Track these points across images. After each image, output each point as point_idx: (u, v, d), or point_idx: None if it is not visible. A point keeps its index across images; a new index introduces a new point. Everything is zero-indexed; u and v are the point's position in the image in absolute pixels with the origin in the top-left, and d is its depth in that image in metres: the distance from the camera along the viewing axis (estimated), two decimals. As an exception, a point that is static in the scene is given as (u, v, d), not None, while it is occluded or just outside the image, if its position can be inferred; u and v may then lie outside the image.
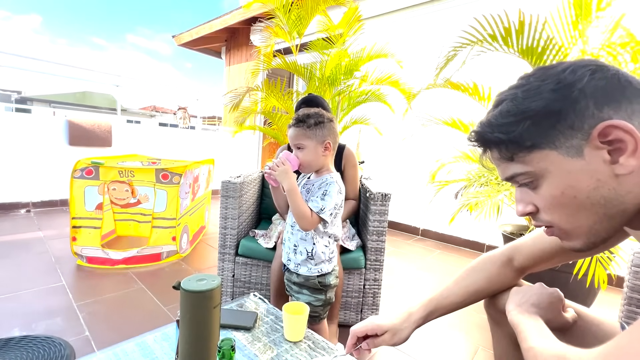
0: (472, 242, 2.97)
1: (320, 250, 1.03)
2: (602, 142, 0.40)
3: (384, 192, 1.45)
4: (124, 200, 2.09)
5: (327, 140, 1.00)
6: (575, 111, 0.41)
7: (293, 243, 1.07)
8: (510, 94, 0.46)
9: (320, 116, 1.01)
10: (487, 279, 0.72)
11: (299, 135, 1.01)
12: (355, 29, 2.79)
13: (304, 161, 1.02)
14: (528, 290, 0.63)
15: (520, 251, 0.71)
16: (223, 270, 1.53)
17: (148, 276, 1.93)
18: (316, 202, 0.99)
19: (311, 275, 1.04)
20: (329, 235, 1.05)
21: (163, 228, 2.13)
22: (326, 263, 1.05)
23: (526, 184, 0.47)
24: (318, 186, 1.02)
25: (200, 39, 5.82)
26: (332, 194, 0.98)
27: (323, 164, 1.04)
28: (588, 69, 0.42)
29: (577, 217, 0.44)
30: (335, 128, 1.03)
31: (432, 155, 2.99)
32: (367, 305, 1.50)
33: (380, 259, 1.48)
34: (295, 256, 1.06)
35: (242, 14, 4.61)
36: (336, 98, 2.87)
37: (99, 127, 3.59)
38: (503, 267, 0.72)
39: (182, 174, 2.19)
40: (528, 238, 0.71)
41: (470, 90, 1.89)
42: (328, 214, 0.98)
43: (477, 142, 0.50)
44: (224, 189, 1.49)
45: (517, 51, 1.54)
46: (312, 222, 0.98)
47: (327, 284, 1.05)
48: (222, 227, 1.51)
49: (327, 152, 1.01)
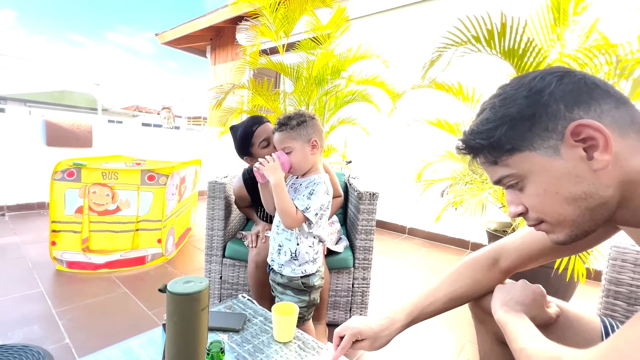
0: (457, 239, 3.03)
1: (304, 251, 1.02)
2: (575, 140, 0.43)
3: (372, 192, 1.46)
4: (103, 206, 1.97)
5: (313, 138, 1.00)
6: (547, 114, 0.44)
7: (278, 243, 1.06)
8: (490, 103, 0.50)
9: (302, 115, 1.00)
10: (472, 284, 0.72)
11: (284, 139, 1.01)
12: (342, 30, 2.80)
13: (294, 163, 1.01)
14: (512, 287, 0.65)
15: (507, 252, 0.71)
16: (210, 272, 1.50)
17: (132, 280, 1.88)
18: (302, 201, 0.98)
19: (295, 276, 1.03)
20: (314, 236, 1.05)
21: (148, 230, 2.08)
22: (310, 264, 1.04)
23: (513, 185, 0.49)
24: (305, 185, 1.02)
25: (184, 38, 5.72)
26: (318, 194, 0.98)
27: (312, 164, 1.04)
28: (555, 75, 0.45)
29: (561, 211, 0.46)
30: (319, 125, 1.02)
31: (418, 154, 3.03)
32: (355, 304, 1.51)
33: (368, 258, 1.49)
34: (279, 256, 1.05)
35: (228, 12, 4.55)
36: (323, 98, 2.87)
37: (79, 127, 3.47)
38: (489, 269, 0.72)
39: (169, 175, 2.14)
40: (516, 237, 0.71)
41: (455, 90, 1.93)
42: (313, 213, 0.98)
43: (464, 150, 0.52)
44: (210, 189, 1.46)
45: (499, 52, 1.58)
46: (296, 219, 0.97)
47: (311, 285, 1.05)
48: (208, 229, 1.48)
49: (315, 150, 1.01)
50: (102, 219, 1.96)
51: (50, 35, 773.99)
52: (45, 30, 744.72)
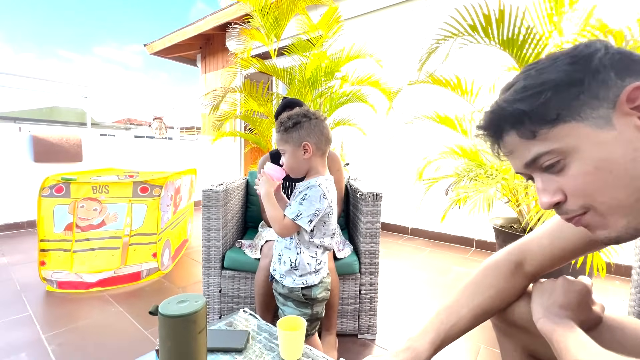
0: (461, 237, 2.97)
1: (305, 261, 0.95)
2: (631, 108, 0.38)
3: (375, 192, 1.39)
4: (88, 221, 1.87)
5: (305, 142, 0.93)
6: (597, 81, 0.39)
7: (278, 252, 1.00)
8: (523, 75, 0.43)
9: (299, 116, 0.94)
10: (496, 294, 0.63)
11: (279, 141, 0.96)
12: (334, 30, 2.75)
13: (287, 166, 0.96)
14: (552, 289, 0.56)
15: (532, 254, 0.63)
16: (209, 286, 1.42)
17: (126, 298, 1.79)
18: (293, 207, 0.92)
19: (295, 287, 0.96)
20: (317, 246, 0.97)
21: (142, 245, 1.99)
22: (312, 275, 0.97)
23: (551, 166, 0.42)
24: (300, 189, 0.95)
25: (173, 47, 5.66)
26: (311, 198, 0.90)
27: (309, 167, 0.97)
28: (602, 43, 0.40)
29: (616, 194, 0.39)
30: (318, 126, 0.95)
31: (417, 153, 2.98)
32: (364, 312, 1.43)
33: (375, 262, 1.41)
34: (280, 266, 0.98)
35: (217, 19, 4.51)
36: (318, 100, 2.81)
37: (68, 141, 3.37)
38: (512, 276, 0.63)
39: (163, 186, 2.06)
40: (540, 236, 0.63)
41: (453, 84, 1.88)
42: (306, 220, 0.90)
43: (489, 127, 0.45)
44: (205, 198, 1.39)
45: (498, 42, 1.54)
46: (285, 227, 0.91)
47: (313, 297, 0.97)
48: (205, 239, 1.40)
49: (308, 155, 0.94)
50: (84, 235, 1.86)
51: (39, 52, 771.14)
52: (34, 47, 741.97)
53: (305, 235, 0.95)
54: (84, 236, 1.88)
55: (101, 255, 1.89)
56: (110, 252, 1.92)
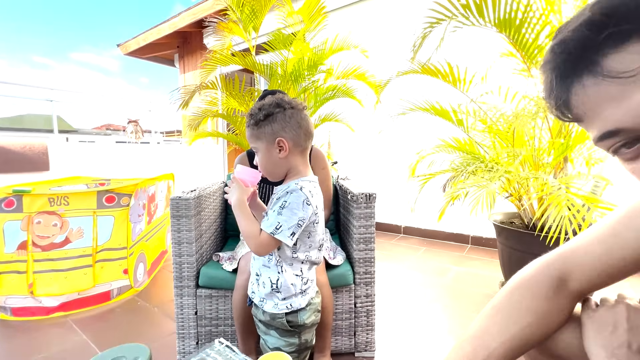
0: (456, 234, 2.86)
1: (289, 282, 0.79)
2: None
3: (368, 193, 1.24)
4: (48, 239, 1.65)
5: (279, 138, 0.77)
6: None
7: (255, 271, 0.83)
8: None
9: (271, 106, 0.78)
10: (535, 323, 0.48)
11: (250, 137, 0.80)
12: (318, 21, 2.59)
13: (262, 167, 0.81)
14: (615, 320, 0.42)
15: (580, 266, 0.48)
16: (182, 308, 1.24)
17: (93, 322, 1.58)
18: (271, 218, 0.76)
19: (278, 313, 0.80)
20: (302, 261, 0.81)
21: (111, 261, 1.78)
22: (298, 297, 0.81)
23: None
24: (278, 196, 0.79)
25: (149, 46, 5.38)
26: (292, 206, 0.75)
27: (288, 167, 0.81)
28: None
29: None
30: (295, 117, 0.79)
31: (409, 148, 2.85)
32: (360, 327, 1.28)
33: (370, 271, 1.27)
34: (259, 288, 0.82)
35: (193, 14, 4.28)
36: (302, 95, 2.65)
37: (32, 149, 3.10)
38: (555, 297, 0.49)
39: (132, 194, 1.86)
40: (590, 242, 0.48)
41: (444, 72, 1.75)
42: (287, 234, 0.74)
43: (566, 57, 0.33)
44: (174, 207, 1.20)
45: (493, 24, 1.41)
46: (262, 243, 0.74)
47: (300, 323, 0.81)
48: (176, 255, 1.22)
49: (284, 153, 0.78)
50: (47, 255, 1.64)
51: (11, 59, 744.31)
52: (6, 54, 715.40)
53: (287, 250, 0.79)
54: (47, 256, 1.66)
55: (72, 276, 1.68)
56: (83, 271, 1.71)
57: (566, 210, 1.20)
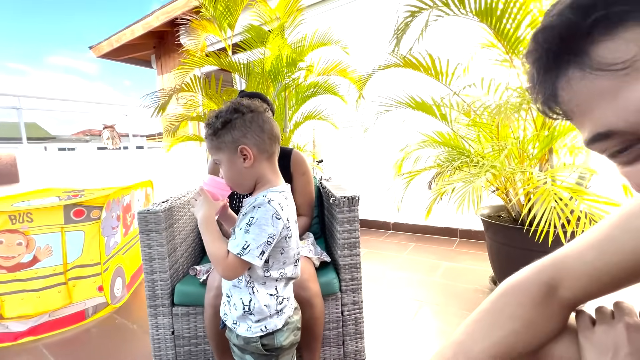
0: (445, 228, 2.85)
1: (262, 303, 0.72)
2: None
3: (351, 195, 1.18)
4: (14, 259, 1.53)
5: (241, 145, 0.70)
6: None
7: (226, 292, 0.76)
8: None
9: (228, 112, 0.71)
10: (521, 330, 0.45)
11: (210, 149, 0.73)
12: (294, 16, 2.50)
13: (227, 180, 0.73)
14: (615, 342, 0.38)
15: (572, 273, 0.44)
16: (158, 328, 1.15)
17: (66, 346, 1.48)
18: (237, 238, 0.68)
19: (252, 337, 0.73)
20: (276, 279, 0.74)
21: (84, 278, 1.67)
22: (274, 317, 0.74)
23: None
24: (245, 211, 0.72)
25: (123, 48, 5.17)
26: (260, 222, 0.67)
27: (255, 176, 0.74)
28: None
29: None
30: (256, 120, 0.72)
31: (396, 144, 2.81)
32: (349, 336, 1.23)
33: (357, 277, 1.21)
34: (231, 310, 0.75)
35: (166, 13, 4.12)
36: (282, 94, 2.56)
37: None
38: (545, 303, 0.45)
39: (104, 207, 1.74)
40: (584, 248, 0.44)
41: (425, 65, 1.70)
42: (256, 253, 0.66)
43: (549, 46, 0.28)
44: (142, 221, 1.11)
45: (474, 14, 1.36)
46: (229, 266, 0.67)
47: (277, 346, 0.74)
48: (147, 273, 1.13)
49: (249, 162, 0.71)
50: (15, 276, 1.53)
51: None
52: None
53: (258, 269, 0.72)
54: (15, 277, 1.54)
55: (45, 295, 1.57)
56: (57, 289, 1.61)
57: (554, 203, 1.17)
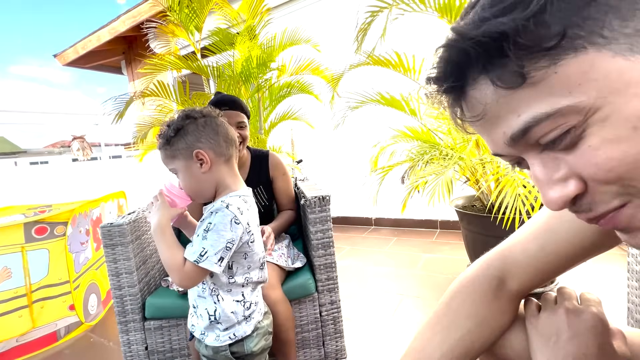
0: (425, 221, 2.89)
1: (228, 311, 0.71)
2: None
3: (322, 195, 1.17)
4: None
5: (196, 150, 0.68)
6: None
7: (192, 303, 0.74)
8: None
9: (180, 119, 0.70)
10: (476, 329, 0.45)
11: (165, 159, 0.71)
12: (261, 16, 2.47)
13: (187, 190, 0.71)
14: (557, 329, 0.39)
15: (517, 264, 0.46)
16: (130, 345, 1.11)
17: (36, 371, 1.41)
18: (194, 245, 0.66)
19: (221, 346, 0.71)
20: (242, 285, 0.73)
21: (52, 298, 1.60)
22: (242, 324, 0.73)
23: (556, 140, 0.23)
24: (203, 217, 0.70)
25: (90, 55, 4.97)
26: (218, 227, 0.66)
27: (214, 182, 0.72)
28: None
29: None
30: (209, 124, 0.71)
31: (372, 140, 2.83)
32: (328, 336, 1.22)
33: (333, 277, 1.20)
34: (197, 320, 0.73)
35: (132, 17, 3.99)
36: (256, 95, 2.53)
37: (-44, 180, 2.75)
38: (495, 299, 0.46)
39: (69, 222, 1.67)
40: (524, 241, 0.46)
41: (394, 62, 1.71)
42: (214, 260, 0.64)
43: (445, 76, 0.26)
44: (105, 236, 1.07)
45: (435, 9, 1.38)
46: (187, 275, 0.65)
47: (247, 352, 0.73)
48: (115, 288, 1.09)
49: (207, 166, 0.69)
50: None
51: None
52: None
53: (221, 277, 0.70)
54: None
55: (5, 321, 1.48)
56: (17, 314, 1.52)
57: (520, 189, 1.20)
